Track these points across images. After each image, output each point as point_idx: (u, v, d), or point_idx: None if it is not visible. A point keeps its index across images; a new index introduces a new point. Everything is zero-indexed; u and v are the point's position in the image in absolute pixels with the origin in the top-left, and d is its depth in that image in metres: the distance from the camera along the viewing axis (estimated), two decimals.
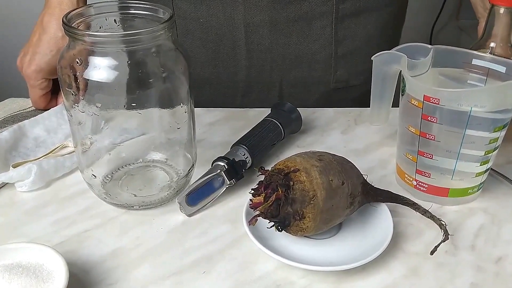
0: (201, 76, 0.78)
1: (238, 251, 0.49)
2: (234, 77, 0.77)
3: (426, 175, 0.54)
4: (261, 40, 0.74)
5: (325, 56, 0.76)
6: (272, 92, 0.79)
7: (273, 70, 0.77)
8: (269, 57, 0.75)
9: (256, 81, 0.77)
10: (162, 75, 0.49)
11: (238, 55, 0.75)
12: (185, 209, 0.53)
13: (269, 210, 0.46)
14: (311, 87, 0.78)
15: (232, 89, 0.78)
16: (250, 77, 0.77)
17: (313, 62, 0.76)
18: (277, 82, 0.78)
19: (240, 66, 0.76)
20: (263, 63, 0.76)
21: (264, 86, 0.78)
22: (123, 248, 0.50)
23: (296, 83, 0.78)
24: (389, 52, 0.56)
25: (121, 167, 0.58)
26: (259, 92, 0.79)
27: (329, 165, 0.47)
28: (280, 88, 0.78)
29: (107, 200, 0.54)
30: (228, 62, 0.76)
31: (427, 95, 0.49)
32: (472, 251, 0.49)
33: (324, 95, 0.80)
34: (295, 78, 0.77)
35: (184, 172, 0.56)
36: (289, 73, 0.77)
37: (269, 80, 0.77)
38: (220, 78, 0.78)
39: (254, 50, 0.75)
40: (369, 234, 0.50)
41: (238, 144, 0.60)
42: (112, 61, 0.47)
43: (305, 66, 0.77)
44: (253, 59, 0.75)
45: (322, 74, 0.78)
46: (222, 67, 0.77)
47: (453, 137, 0.50)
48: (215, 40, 0.75)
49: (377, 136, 0.68)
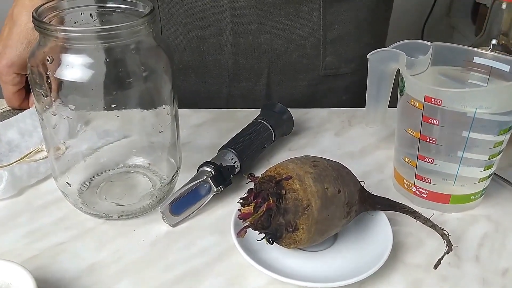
0: (185, 64, 0.74)
1: (226, 265, 0.46)
2: (220, 64, 0.74)
3: (426, 180, 0.50)
4: (248, 24, 0.71)
5: (313, 41, 0.73)
6: (260, 80, 0.76)
7: (260, 57, 0.74)
8: (257, 43, 0.72)
9: (243, 68, 0.74)
10: (142, 74, 0.45)
11: (224, 40, 0.72)
12: (169, 219, 0.49)
13: (259, 221, 0.42)
14: (300, 74, 0.76)
15: (218, 77, 0.75)
16: (237, 64, 0.74)
17: (302, 47, 0.74)
18: (265, 69, 0.75)
19: (226, 52, 0.73)
20: (251, 48, 0.73)
21: (251, 74, 0.75)
22: (101, 262, 0.46)
23: (284, 70, 0.75)
24: (386, 50, 0.52)
25: (100, 173, 0.54)
26: (246, 80, 0.76)
27: (324, 172, 0.44)
28: (268, 76, 0.75)
29: (84, 210, 0.50)
30: (214, 48, 0.73)
31: (429, 96, 0.46)
32: (477, 262, 0.46)
33: (312, 83, 0.77)
34: (284, 65, 0.75)
35: (168, 178, 0.53)
36: (277, 60, 0.74)
37: (257, 67, 0.74)
38: (206, 65, 0.74)
39: (241, 35, 0.71)
40: (367, 245, 0.46)
41: (226, 148, 0.56)
42: (87, 59, 0.43)
43: (294, 52, 0.74)
44: (240, 45, 0.72)
45: (311, 60, 0.75)
46: (208, 54, 0.73)
47: (455, 141, 0.47)
48: (200, 25, 0.71)
49: (372, 138, 0.65)
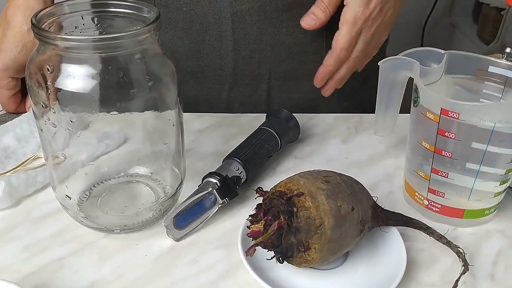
0: (184, 70, 0.72)
1: (233, 283, 0.44)
2: (220, 70, 0.72)
3: (439, 194, 0.49)
4: (249, 30, 0.69)
5: (316, 47, 0.71)
6: (261, 86, 0.74)
7: (261, 62, 0.72)
8: (258, 49, 0.70)
9: (244, 74, 0.72)
10: (148, 84, 0.43)
11: (224, 46, 0.70)
12: (173, 233, 0.47)
13: (269, 240, 0.40)
14: (301, 80, 0.74)
15: (217, 83, 0.73)
16: (237, 70, 0.72)
17: (304, 53, 0.72)
18: (266, 75, 0.73)
19: (226, 58, 0.71)
20: (251, 54, 0.71)
21: (252, 80, 0.73)
22: (102, 280, 0.44)
23: (285, 76, 0.73)
24: (398, 58, 0.50)
25: (100, 182, 0.52)
26: (246, 86, 0.74)
27: (337, 188, 0.42)
28: (268, 81, 0.73)
29: (85, 223, 0.48)
30: (214, 54, 0.71)
31: (445, 109, 0.44)
32: (492, 281, 0.45)
33: (314, 89, 0.75)
34: (285, 71, 0.73)
35: (172, 188, 0.51)
36: (278, 66, 0.72)
37: (257, 73, 0.73)
38: (205, 71, 0.72)
39: (242, 41, 0.69)
40: (380, 263, 0.45)
41: (231, 158, 0.54)
42: (89, 69, 0.41)
43: (296, 58, 0.72)
44: (240, 51, 0.70)
45: (313, 66, 0.73)
46: (207, 60, 0.71)
47: (472, 155, 0.45)
48: (200, 31, 0.69)
49: (381, 146, 0.63)
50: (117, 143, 0.56)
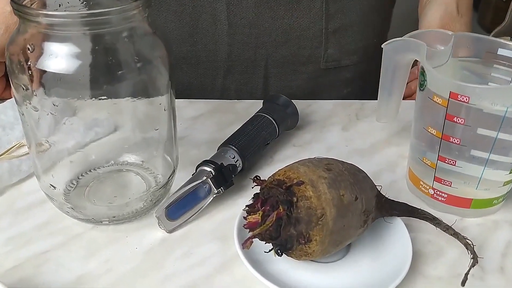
0: (176, 55, 0.69)
1: (229, 277, 0.41)
2: (215, 56, 0.69)
3: (446, 183, 0.46)
4: (245, 13, 0.66)
5: (315, 32, 0.69)
6: (257, 73, 0.71)
7: (257, 48, 0.69)
8: (254, 33, 0.68)
9: (239, 60, 0.70)
10: (136, 65, 0.40)
11: (219, 30, 0.67)
12: (165, 224, 0.45)
13: (267, 231, 0.38)
14: (299, 66, 0.71)
15: (212, 69, 0.71)
16: (232, 55, 0.69)
17: (302, 38, 0.69)
18: (262, 61, 0.70)
19: (221, 43, 0.68)
20: (247, 39, 0.68)
21: (247, 66, 0.70)
22: (90, 274, 0.41)
23: (283, 62, 0.71)
24: (404, 39, 0.48)
25: (88, 171, 0.50)
26: (242, 72, 0.71)
27: (340, 176, 0.39)
28: (265, 68, 0.71)
29: (71, 214, 0.45)
30: (208, 38, 0.68)
31: (455, 92, 0.42)
32: (502, 274, 0.43)
33: (313, 76, 0.72)
34: (282, 57, 0.70)
35: (164, 178, 0.48)
36: (275, 51, 0.69)
37: (254, 58, 0.70)
38: (199, 56, 0.70)
39: (237, 24, 0.66)
40: (384, 255, 0.42)
41: (226, 145, 0.51)
42: (73, 48, 0.38)
43: (293, 43, 0.69)
44: (235, 35, 0.67)
45: (312, 52, 0.70)
46: (201, 44, 0.68)
47: (482, 142, 0.43)
48: (193, 14, 0.66)
49: (383, 133, 0.60)
50: (107, 130, 0.54)
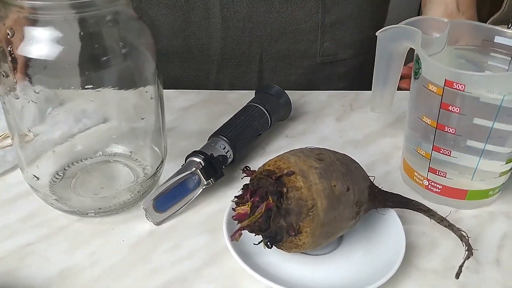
0: (168, 49, 0.68)
1: (218, 270, 0.40)
2: (208, 50, 0.68)
3: (441, 174, 0.45)
4: (239, 7, 0.65)
5: (311, 25, 0.67)
6: (251, 67, 0.70)
7: (252, 42, 0.68)
8: (248, 27, 0.66)
9: (233, 54, 0.68)
10: (121, 50, 0.38)
11: (212, 24, 0.66)
12: (153, 216, 0.44)
13: (256, 223, 0.37)
14: (294, 61, 0.70)
15: (205, 64, 0.69)
16: (226, 50, 0.68)
17: (298, 32, 0.68)
18: (257, 56, 0.69)
19: (214, 37, 0.67)
20: (241, 33, 0.67)
21: (242, 61, 0.69)
22: (74, 267, 0.40)
23: (278, 57, 0.69)
24: (399, 27, 0.47)
25: (75, 162, 0.48)
26: (236, 67, 0.70)
27: (331, 167, 0.38)
28: (260, 63, 0.70)
29: (55, 206, 0.44)
30: (201, 32, 0.67)
31: (450, 80, 0.40)
32: (497, 266, 0.42)
33: (308, 71, 0.71)
34: (277, 51, 0.69)
35: (152, 169, 0.47)
36: (270, 46, 0.68)
37: (248, 53, 0.68)
38: (191, 51, 0.68)
39: (231, 18, 0.65)
40: (376, 248, 0.41)
41: (217, 135, 0.50)
42: (56, 33, 0.36)
43: (289, 37, 0.68)
44: (229, 29, 0.66)
45: (308, 46, 0.69)
46: (194, 39, 0.67)
47: (477, 131, 0.42)
48: (185, 7, 0.65)
49: (377, 124, 0.59)
50: (95, 121, 0.52)
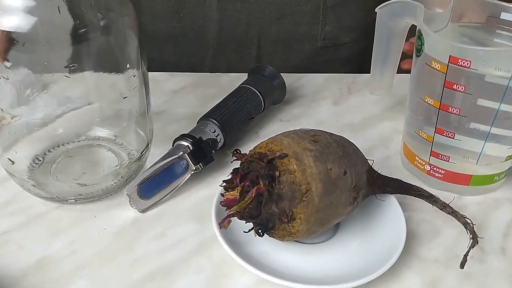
0: (162, 32, 0.65)
1: (206, 260, 0.38)
2: (203, 34, 0.65)
3: (444, 158, 0.43)
4: None
5: (312, 7, 0.65)
6: (249, 52, 0.67)
7: (249, 25, 0.65)
8: (245, 8, 0.63)
9: (230, 38, 0.66)
10: (99, 23, 0.36)
11: (208, 5, 0.63)
12: (137, 203, 0.41)
13: (246, 209, 0.34)
14: (294, 45, 0.67)
15: (200, 48, 0.67)
16: (222, 33, 0.65)
17: (298, 14, 0.65)
18: (255, 40, 0.66)
19: (210, 19, 0.64)
20: (238, 15, 0.64)
21: (239, 45, 0.66)
22: (53, 257, 0.38)
23: (277, 41, 0.67)
24: (400, 1, 0.44)
25: (57, 146, 0.46)
26: (233, 51, 0.67)
27: (327, 149, 0.35)
28: (258, 47, 0.67)
29: (33, 192, 0.41)
30: (196, 14, 0.64)
31: (454, 56, 0.38)
32: (503, 255, 0.39)
33: (309, 55, 0.68)
34: (276, 35, 0.66)
35: (137, 153, 0.44)
36: (269, 28, 0.65)
37: (245, 37, 0.66)
38: (186, 34, 0.65)
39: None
40: (375, 236, 0.39)
41: (206, 118, 0.48)
42: (28, 2, 0.33)
43: (289, 20, 0.65)
44: (226, 11, 0.63)
45: (309, 29, 0.66)
46: (188, 21, 0.64)
47: (483, 112, 0.39)
48: None
49: (376, 107, 0.57)
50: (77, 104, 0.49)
